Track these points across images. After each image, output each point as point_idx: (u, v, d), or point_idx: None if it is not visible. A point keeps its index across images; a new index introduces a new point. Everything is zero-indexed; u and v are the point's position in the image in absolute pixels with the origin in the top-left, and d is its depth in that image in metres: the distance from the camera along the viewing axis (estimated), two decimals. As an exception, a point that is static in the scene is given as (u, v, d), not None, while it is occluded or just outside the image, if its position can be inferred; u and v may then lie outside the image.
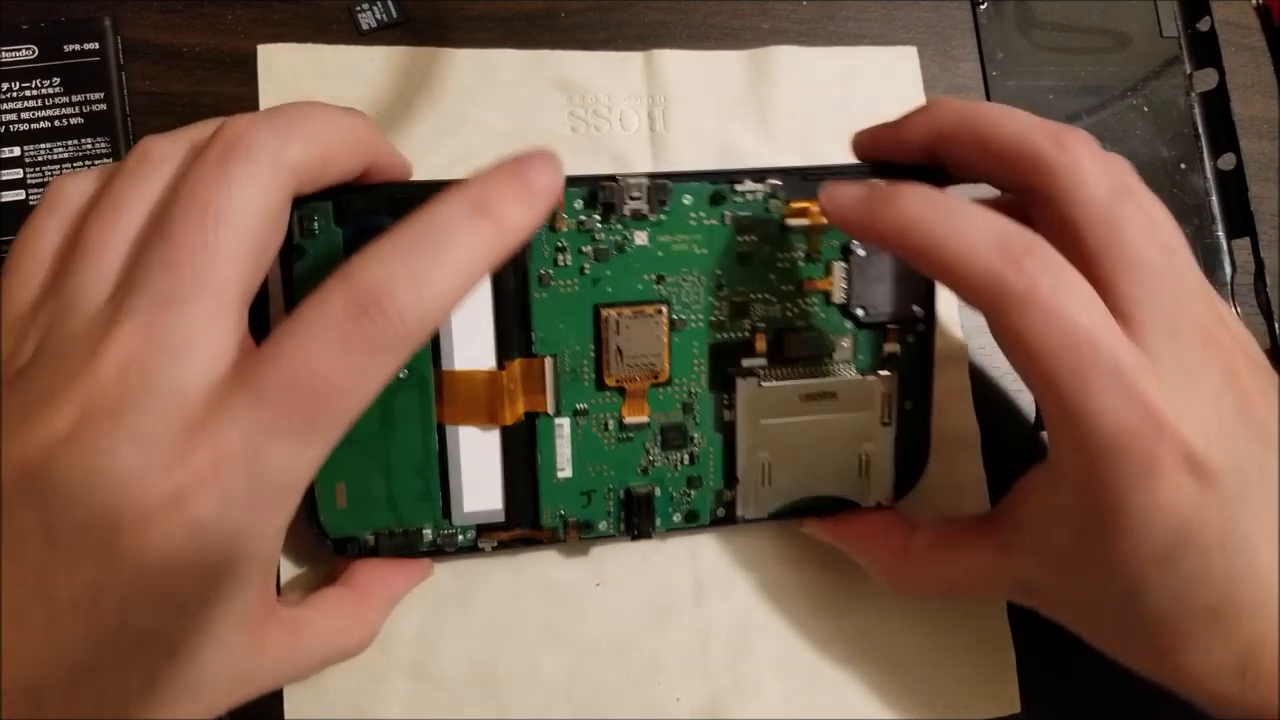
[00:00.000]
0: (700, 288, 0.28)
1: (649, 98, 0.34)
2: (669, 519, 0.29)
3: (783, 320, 0.28)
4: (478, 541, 0.28)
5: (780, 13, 0.36)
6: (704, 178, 0.27)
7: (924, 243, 0.23)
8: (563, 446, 0.28)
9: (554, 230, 0.26)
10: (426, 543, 0.27)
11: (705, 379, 0.28)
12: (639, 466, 0.28)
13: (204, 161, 0.20)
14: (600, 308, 0.27)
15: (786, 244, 0.28)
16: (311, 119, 0.22)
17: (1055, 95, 0.37)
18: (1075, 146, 0.24)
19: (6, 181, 0.29)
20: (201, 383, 0.19)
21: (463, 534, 0.28)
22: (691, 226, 0.27)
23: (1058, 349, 0.21)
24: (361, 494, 0.27)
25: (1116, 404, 0.21)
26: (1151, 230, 0.23)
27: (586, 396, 0.28)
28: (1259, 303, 0.36)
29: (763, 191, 0.27)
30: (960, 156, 0.26)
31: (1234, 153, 0.37)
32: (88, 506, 0.18)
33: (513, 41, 0.33)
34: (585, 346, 0.27)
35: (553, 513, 0.28)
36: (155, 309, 0.19)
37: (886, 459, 0.29)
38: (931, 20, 0.37)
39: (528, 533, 0.28)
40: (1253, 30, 0.39)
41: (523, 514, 0.28)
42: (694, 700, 0.30)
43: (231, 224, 0.20)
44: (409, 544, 0.27)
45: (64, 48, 0.30)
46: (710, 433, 0.29)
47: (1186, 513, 0.21)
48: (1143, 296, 0.22)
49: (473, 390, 0.27)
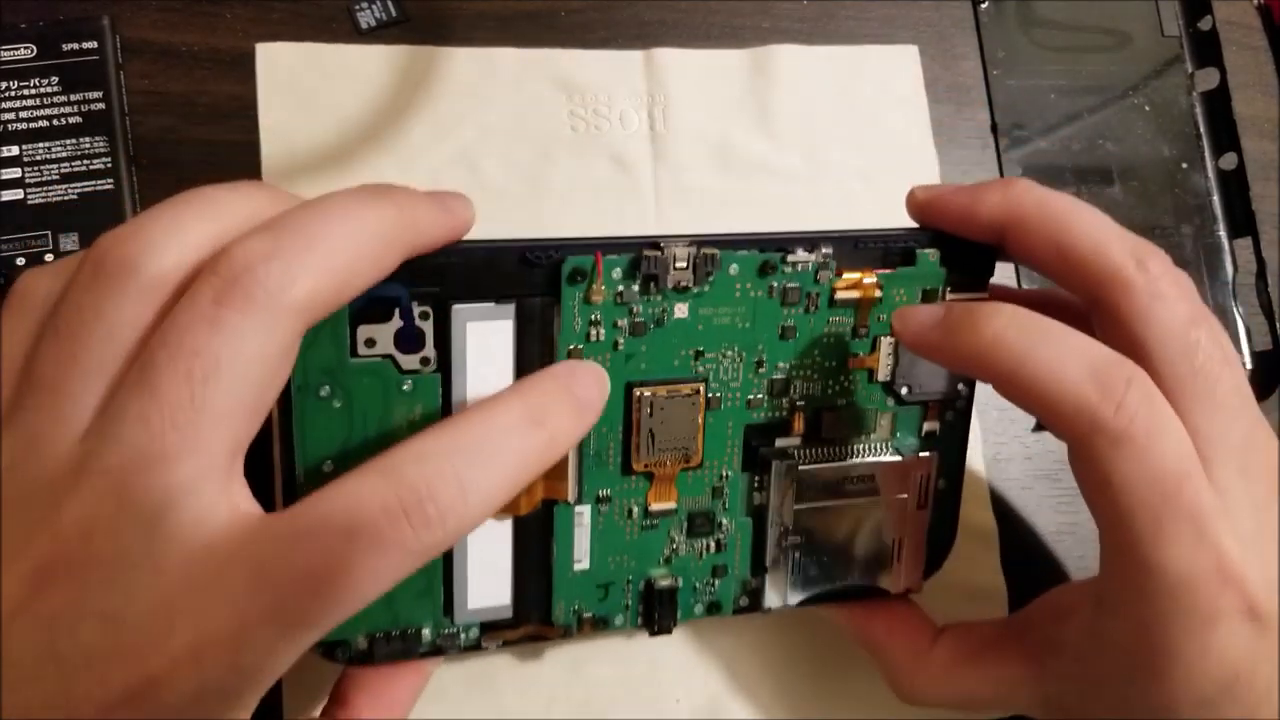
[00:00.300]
0: (740, 364, 0.25)
1: (649, 97, 0.34)
2: (690, 611, 0.27)
3: (823, 398, 0.26)
4: (481, 641, 0.25)
5: (781, 12, 0.36)
6: (753, 244, 0.25)
7: (1012, 369, 0.22)
8: (581, 537, 0.25)
9: (589, 303, 0.23)
10: (425, 643, 0.25)
11: (738, 459, 0.26)
12: (661, 556, 0.26)
13: (194, 300, 0.17)
14: (632, 386, 0.24)
15: (833, 318, 0.26)
16: (326, 236, 0.18)
17: (1056, 94, 0.37)
18: (1155, 267, 0.23)
19: (5, 181, 0.29)
20: (182, 554, 0.17)
21: (465, 633, 0.25)
22: (736, 299, 0.25)
23: (1142, 490, 0.21)
24: None
25: (1190, 550, 0.21)
26: (1226, 364, 0.22)
27: (611, 482, 0.25)
28: (1260, 302, 0.36)
29: (813, 262, 0.25)
30: (1030, 246, 0.24)
31: (1235, 152, 0.37)
32: (44, 688, 0.16)
33: (512, 40, 0.33)
34: (614, 427, 0.25)
35: (567, 608, 0.26)
36: (129, 469, 0.17)
37: (919, 544, 0.27)
38: (932, 19, 0.37)
39: (537, 629, 0.26)
40: (1254, 29, 0.39)
41: (532, 609, 0.26)
42: (693, 701, 0.30)
43: (223, 377, 0.17)
44: (406, 647, 0.24)
45: (62, 46, 0.30)
46: (739, 517, 0.27)
47: (1240, 659, 0.21)
48: (1218, 435, 0.22)
49: None
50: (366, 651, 0.24)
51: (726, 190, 0.33)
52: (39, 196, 0.29)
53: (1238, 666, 0.21)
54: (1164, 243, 0.36)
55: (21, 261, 0.29)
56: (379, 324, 0.22)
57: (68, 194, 0.29)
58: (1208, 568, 0.21)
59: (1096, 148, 0.37)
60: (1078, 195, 0.36)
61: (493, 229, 0.32)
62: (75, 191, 0.29)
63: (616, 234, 0.24)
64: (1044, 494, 0.33)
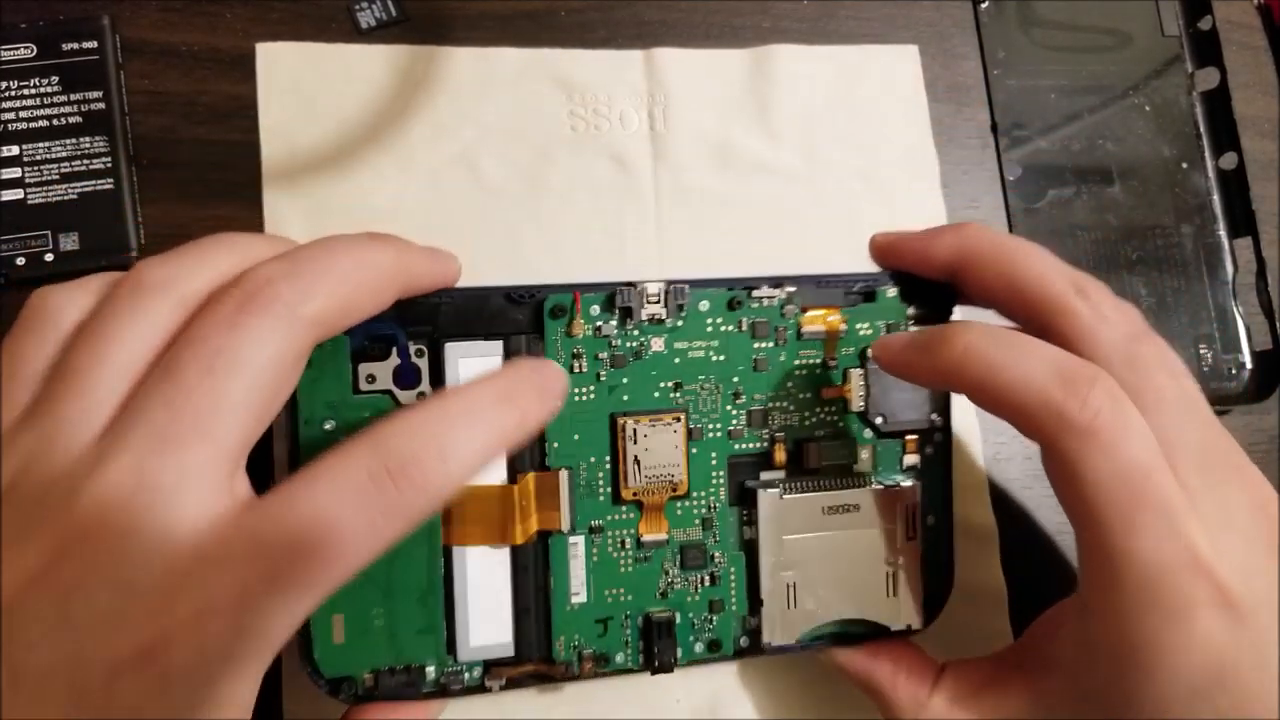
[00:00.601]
0: (718, 395, 0.27)
1: (649, 96, 0.34)
2: (690, 649, 0.27)
3: (802, 429, 0.28)
4: (484, 680, 0.26)
5: (781, 11, 0.36)
6: (721, 284, 0.27)
7: (983, 376, 0.23)
8: (577, 568, 0.26)
9: (571, 336, 0.26)
10: (429, 682, 0.25)
11: (725, 492, 0.27)
12: (658, 590, 0.27)
13: (219, 307, 0.20)
14: (616, 416, 0.26)
15: (803, 351, 0.28)
16: (334, 267, 0.21)
17: (1056, 94, 0.37)
18: (1095, 293, 0.25)
19: (5, 180, 0.29)
20: (190, 529, 0.18)
21: (468, 671, 0.26)
22: (708, 332, 0.27)
23: (1112, 483, 0.22)
24: (361, 627, 0.25)
25: (1160, 541, 0.21)
26: (1171, 372, 0.24)
27: (602, 512, 0.26)
28: (1260, 302, 0.36)
29: (779, 298, 0.27)
30: (982, 284, 0.26)
31: (1235, 152, 0.37)
32: (54, 651, 0.17)
33: (512, 40, 0.33)
34: (601, 458, 0.26)
35: (567, 643, 0.26)
36: (150, 449, 0.18)
37: (914, 576, 0.28)
38: (932, 19, 0.37)
39: (539, 668, 0.26)
40: (1254, 29, 0.39)
41: (533, 646, 0.26)
42: (693, 701, 0.30)
43: (242, 373, 0.19)
44: (410, 683, 0.25)
45: (62, 46, 0.30)
46: (732, 551, 0.27)
47: (1220, 651, 0.21)
48: (1174, 435, 0.23)
49: (484, 507, 0.25)
50: (372, 689, 0.25)
51: (726, 190, 0.33)
52: (39, 196, 0.29)
53: (1222, 657, 0.21)
54: (1164, 243, 0.36)
55: (21, 261, 0.29)
56: (379, 362, 0.24)
57: (68, 194, 0.29)
58: (1180, 558, 0.21)
59: (1096, 148, 0.37)
60: (1077, 195, 0.36)
61: (493, 228, 0.32)
62: (75, 191, 0.30)
63: (595, 279, 0.26)
64: (1044, 494, 0.33)
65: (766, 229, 0.33)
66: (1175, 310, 0.36)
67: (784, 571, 0.27)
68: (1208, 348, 0.36)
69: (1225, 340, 0.36)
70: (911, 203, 0.35)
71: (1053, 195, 0.36)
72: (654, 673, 0.27)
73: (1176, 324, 0.36)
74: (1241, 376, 0.36)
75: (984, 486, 0.33)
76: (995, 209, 0.36)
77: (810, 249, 0.33)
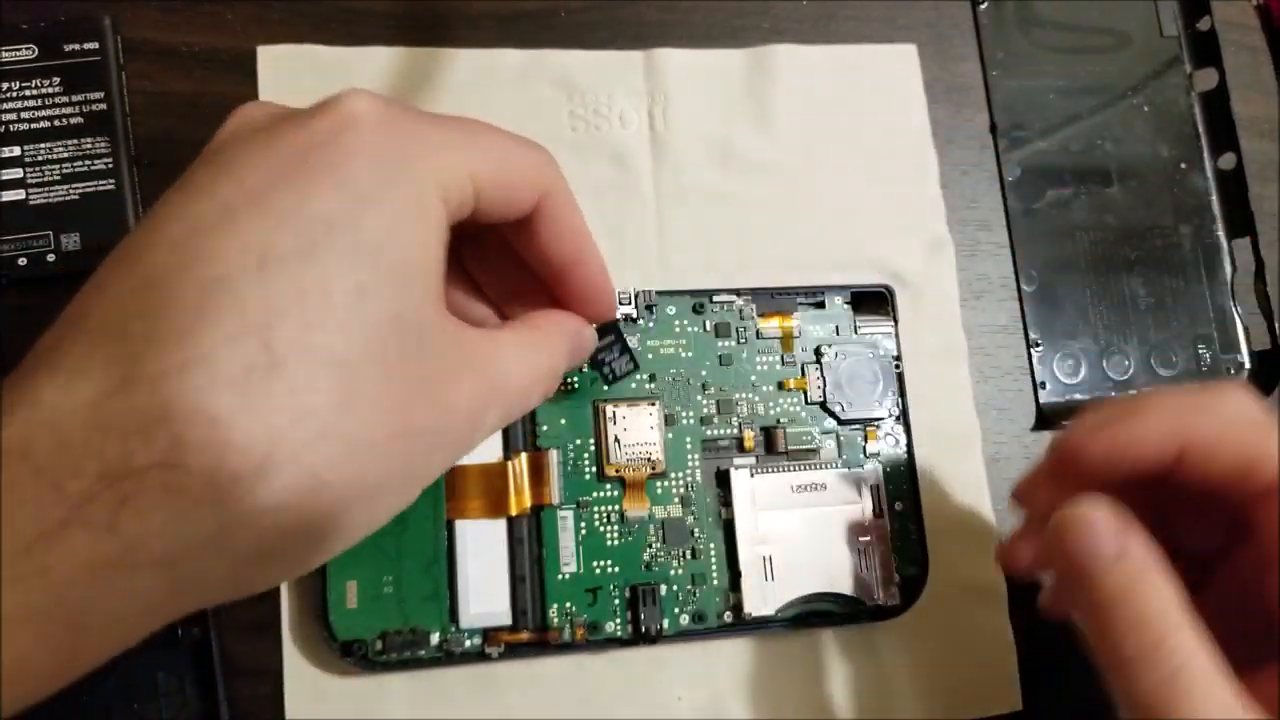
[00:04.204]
0: (689, 387, 0.31)
1: (649, 96, 0.34)
2: (676, 620, 0.29)
3: (767, 417, 0.31)
4: (484, 647, 0.28)
5: (781, 11, 0.36)
6: (685, 294, 0.31)
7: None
8: (567, 540, 0.29)
9: None
10: (432, 646, 0.28)
11: (700, 474, 0.30)
12: (642, 563, 0.29)
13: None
14: (598, 403, 0.30)
15: (762, 349, 0.31)
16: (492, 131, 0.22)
17: (1056, 95, 0.37)
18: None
19: (7, 181, 0.29)
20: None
21: (470, 638, 0.28)
22: (676, 333, 0.31)
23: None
24: (372, 592, 0.27)
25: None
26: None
27: (588, 489, 0.29)
28: (1259, 302, 0.36)
29: (738, 303, 0.31)
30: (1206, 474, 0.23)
31: (1234, 152, 0.37)
32: (95, 466, 0.16)
33: (513, 41, 0.33)
34: (585, 442, 0.30)
35: (560, 610, 0.28)
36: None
37: (886, 553, 0.30)
38: (931, 19, 0.37)
39: (535, 635, 0.28)
40: (1253, 30, 0.39)
41: (529, 615, 0.28)
42: (695, 699, 0.30)
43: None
44: (415, 642, 0.28)
45: (64, 47, 0.30)
46: (711, 530, 0.30)
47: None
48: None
49: (482, 481, 0.29)
50: (380, 651, 0.27)
51: (726, 190, 0.33)
52: (40, 197, 0.29)
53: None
54: (1163, 243, 0.36)
55: (23, 262, 0.29)
56: None
57: (69, 194, 0.29)
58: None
59: (1095, 148, 0.37)
60: (1076, 196, 0.36)
61: (493, 229, 0.32)
62: (77, 192, 0.30)
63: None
64: (1043, 493, 0.33)
65: (766, 229, 0.33)
66: (1174, 310, 0.36)
67: (759, 546, 0.30)
68: (1206, 348, 0.36)
69: (1224, 340, 0.36)
70: (911, 203, 0.35)
71: (1052, 196, 0.36)
72: (643, 643, 0.29)
73: (1175, 324, 0.36)
74: (1240, 377, 0.36)
75: (984, 488, 0.33)
76: (994, 210, 0.36)
77: (810, 249, 0.33)
